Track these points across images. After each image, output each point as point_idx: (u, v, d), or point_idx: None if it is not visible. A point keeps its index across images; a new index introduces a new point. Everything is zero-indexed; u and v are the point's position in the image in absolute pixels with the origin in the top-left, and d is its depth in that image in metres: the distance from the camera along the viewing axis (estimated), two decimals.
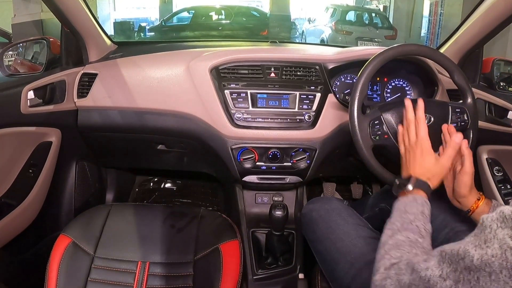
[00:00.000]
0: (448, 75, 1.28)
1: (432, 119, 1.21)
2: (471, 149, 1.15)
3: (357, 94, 1.18)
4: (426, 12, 11.82)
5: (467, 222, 1.07)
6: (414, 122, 1.07)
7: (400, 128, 1.11)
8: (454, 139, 1.03)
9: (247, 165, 1.49)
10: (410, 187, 0.99)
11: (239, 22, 9.68)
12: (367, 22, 10.57)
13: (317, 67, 1.48)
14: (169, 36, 9.59)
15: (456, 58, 1.56)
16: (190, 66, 1.47)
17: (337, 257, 1.13)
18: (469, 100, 1.25)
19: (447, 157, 1.02)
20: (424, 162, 1.02)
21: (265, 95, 1.44)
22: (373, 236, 1.16)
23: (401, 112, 1.21)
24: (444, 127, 1.12)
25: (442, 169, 1.02)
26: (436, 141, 1.22)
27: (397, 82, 1.59)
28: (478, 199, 1.03)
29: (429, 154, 1.03)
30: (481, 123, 1.46)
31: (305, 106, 1.44)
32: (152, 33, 10.23)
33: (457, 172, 1.04)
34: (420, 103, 1.10)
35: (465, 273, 0.52)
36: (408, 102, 1.11)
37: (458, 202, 1.06)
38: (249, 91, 1.44)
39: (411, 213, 0.92)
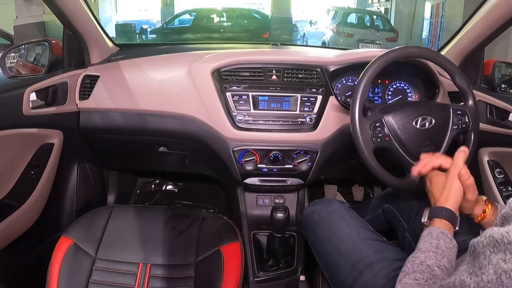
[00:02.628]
0: (449, 77, 1.28)
1: (433, 121, 1.21)
2: (472, 151, 1.16)
3: (359, 96, 1.18)
4: (427, 14, 11.82)
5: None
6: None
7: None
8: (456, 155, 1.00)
9: (249, 167, 1.49)
10: (424, 219, 0.98)
11: (240, 25, 9.70)
12: (368, 25, 10.59)
13: (319, 69, 1.48)
14: (171, 38, 9.60)
15: (457, 60, 1.56)
16: (192, 68, 1.48)
17: (338, 259, 1.13)
18: (470, 102, 1.25)
19: (451, 174, 0.98)
20: (433, 189, 1.00)
21: (266, 98, 1.45)
22: (374, 238, 1.16)
23: (402, 115, 1.21)
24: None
25: (451, 187, 0.97)
26: (437, 143, 1.22)
27: (398, 85, 1.59)
28: (484, 212, 0.99)
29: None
30: (482, 125, 1.46)
31: (306, 109, 1.44)
32: (154, 35, 10.26)
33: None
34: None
35: None
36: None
37: None
38: (250, 94, 1.44)
39: (422, 250, 0.88)
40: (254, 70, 1.48)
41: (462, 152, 1.00)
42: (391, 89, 1.59)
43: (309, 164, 1.49)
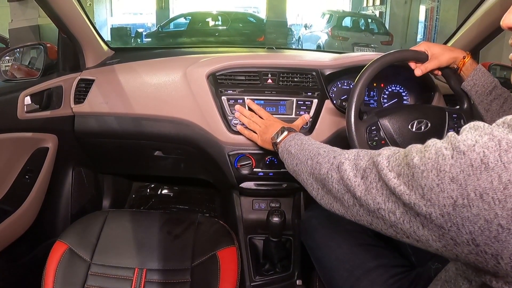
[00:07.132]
0: (445, 81, 1.28)
1: (429, 124, 1.21)
2: None
3: (354, 99, 1.18)
4: (422, 17, 11.89)
5: None
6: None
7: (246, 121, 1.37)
8: None
9: (244, 171, 1.48)
10: (285, 133, 1.15)
11: (236, 28, 9.70)
12: (363, 28, 10.64)
13: (314, 73, 1.48)
14: (166, 42, 9.60)
15: None
16: (187, 72, 1.47)
17: (336, 265, 1.12)
18: (466, 105, 1.25)
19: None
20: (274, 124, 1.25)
21: (262, 102, 1.44)
22: (373, 243, 1.16)
23: (398, 118, 1.21)
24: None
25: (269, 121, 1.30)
26: None
27: (393, 88, 1.59)
28: (464, 58, 1.20)
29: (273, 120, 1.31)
30: None
31: (302, 112, 1.44)
32: (149, 39, 10.24)
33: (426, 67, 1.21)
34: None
35: (405, 168, 0.60)
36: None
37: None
38: (246, 97, 1.43)
39: (310, 143, 1.01)
40: (250, 74, 1.48)
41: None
42: (387, 92, 1.60)
43: None
